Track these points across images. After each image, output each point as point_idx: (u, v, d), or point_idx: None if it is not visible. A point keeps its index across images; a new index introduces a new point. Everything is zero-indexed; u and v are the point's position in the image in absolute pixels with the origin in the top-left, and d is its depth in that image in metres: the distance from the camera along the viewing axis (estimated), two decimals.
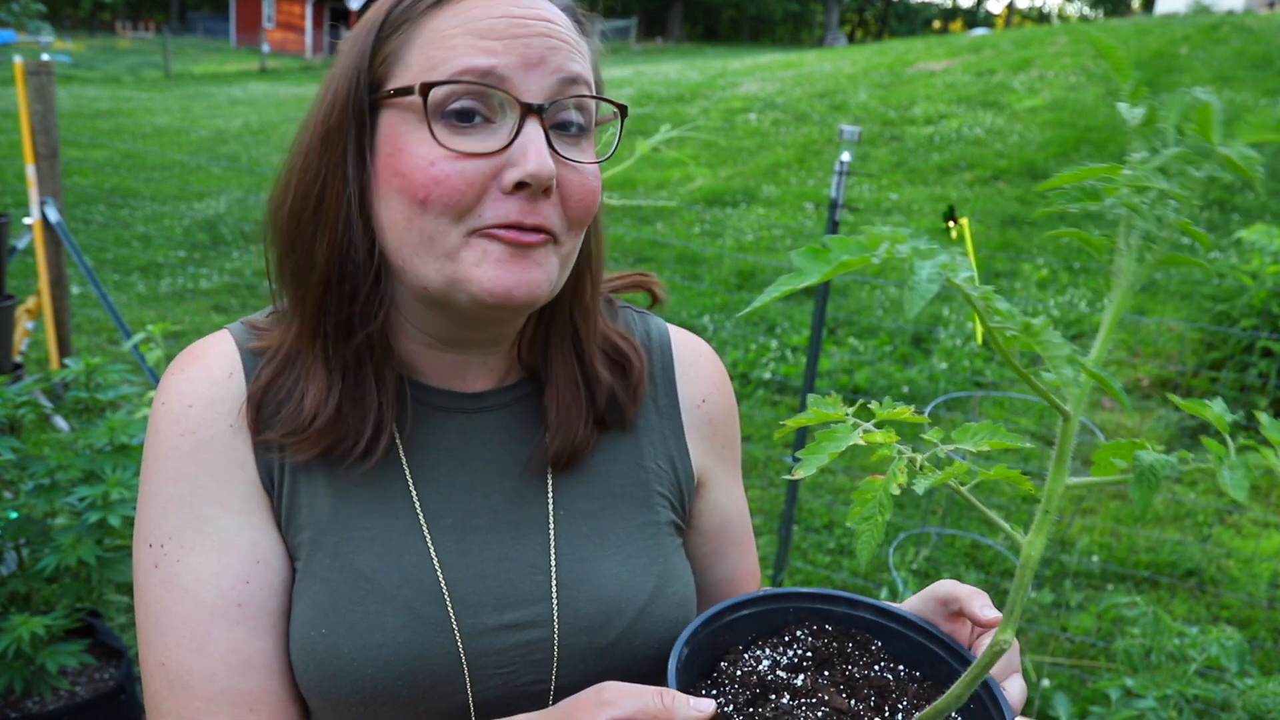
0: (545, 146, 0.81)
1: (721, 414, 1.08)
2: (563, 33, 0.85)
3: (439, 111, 0.81)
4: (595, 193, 0.87)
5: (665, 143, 1.61)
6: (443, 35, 0.82)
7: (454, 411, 0.94)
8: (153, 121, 14.76)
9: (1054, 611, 3.61)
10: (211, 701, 0.85)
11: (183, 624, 0.85)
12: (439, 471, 0.93)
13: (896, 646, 0.89)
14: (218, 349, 0.92)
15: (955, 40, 19.67)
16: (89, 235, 8.06)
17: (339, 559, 0.88)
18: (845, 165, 2.97)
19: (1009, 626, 0.68)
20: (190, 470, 0.87)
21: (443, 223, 0.82)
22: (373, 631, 0.86)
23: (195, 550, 0.86)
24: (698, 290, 6.82)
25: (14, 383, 2.22)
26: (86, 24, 47.22)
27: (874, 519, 0.68)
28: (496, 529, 0.93)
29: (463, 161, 0.80)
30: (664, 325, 1.09)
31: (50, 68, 4.18)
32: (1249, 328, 4.81)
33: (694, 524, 1.07)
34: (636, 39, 43.04)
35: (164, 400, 0.89)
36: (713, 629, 0.85)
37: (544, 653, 0.91)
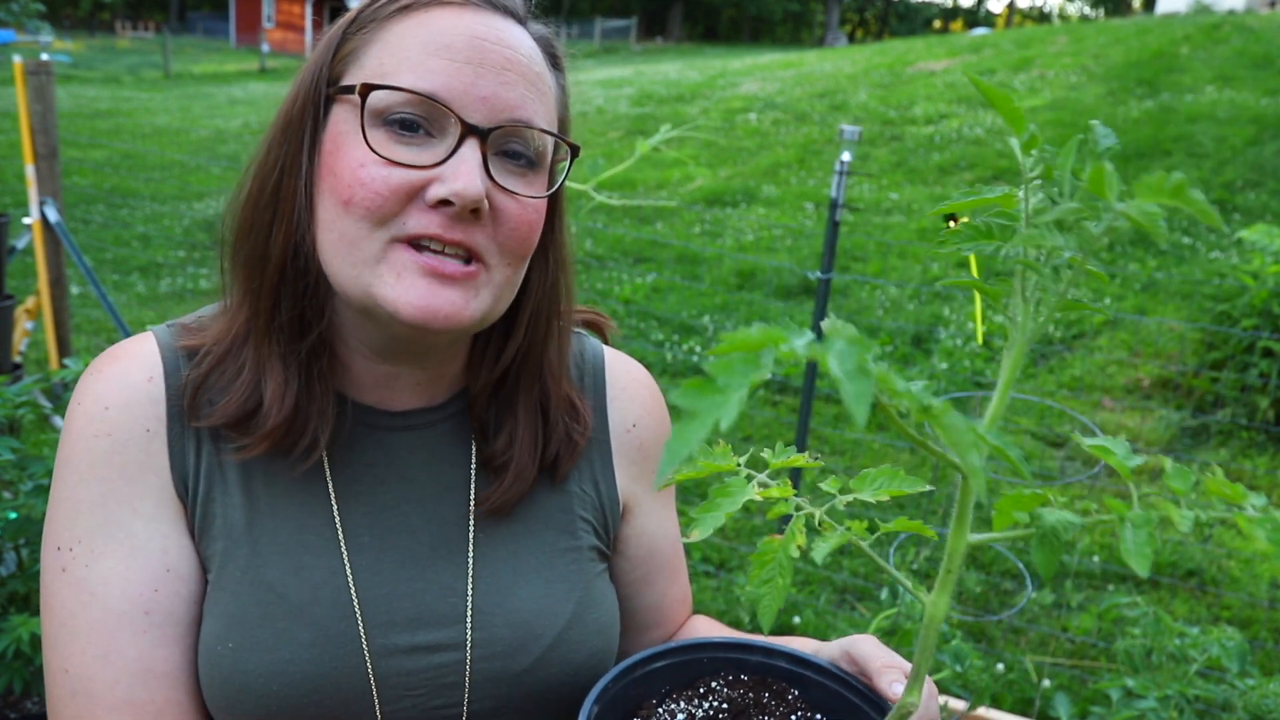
0: (478, 169, 0.80)
1: (652, 439, 1.06)
2: (524, 64, 0.83)
3: (382, 118, 0.80)
4: (532, 225, 0.86)
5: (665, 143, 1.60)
6: (401, 42, 0.81)
7: (377, 429, 0.93)
8: (152, 121, 14.76)
9: (1054, 612, 3.61)
10: (113, 710, 0.83)
11: (88, 630, 0.83)
12: (360, 487, 0.91)
13: (814, 695, 0.87)
14: (138, 351, 0.89)
15: (956, 40, 19.67)
16: (88, 235, 8.06)
17: (250, 571, 0.86)
18: (845, 165, 2.97)
19: (915, 690, 0.66)
20: (103, 473, 0.85)
21: (363, 227, 0.80)
22: (280, 647, 0.84)
23: (104, 555, 0.84)
24: (698, 290, 6.82)
25: (13, 383, 2.22)
26: (86, 24, 47.22)
27: (774, 581, 0.65)
28: (414, 549, 0.91)
29: (392, 169, 0.79)
30: (599, 347, 1.08)
31: (50, 67, 4.18)
32: (1250, 328, 4.81)
33: (621, 550, 1.05)
34: (636, 39, 43.02)
35: (80, 401, 0.87)
36: (624, 683, 0.83)
37: (455, 676, 0.90)
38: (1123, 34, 15.63)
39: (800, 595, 3.63)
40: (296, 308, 0.86)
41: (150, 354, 0.89)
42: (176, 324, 0.93)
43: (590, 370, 1.05)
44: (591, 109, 14.04)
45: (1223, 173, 9.16)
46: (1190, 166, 9.36)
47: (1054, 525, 0.57)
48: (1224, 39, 14.12)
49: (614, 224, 8.49)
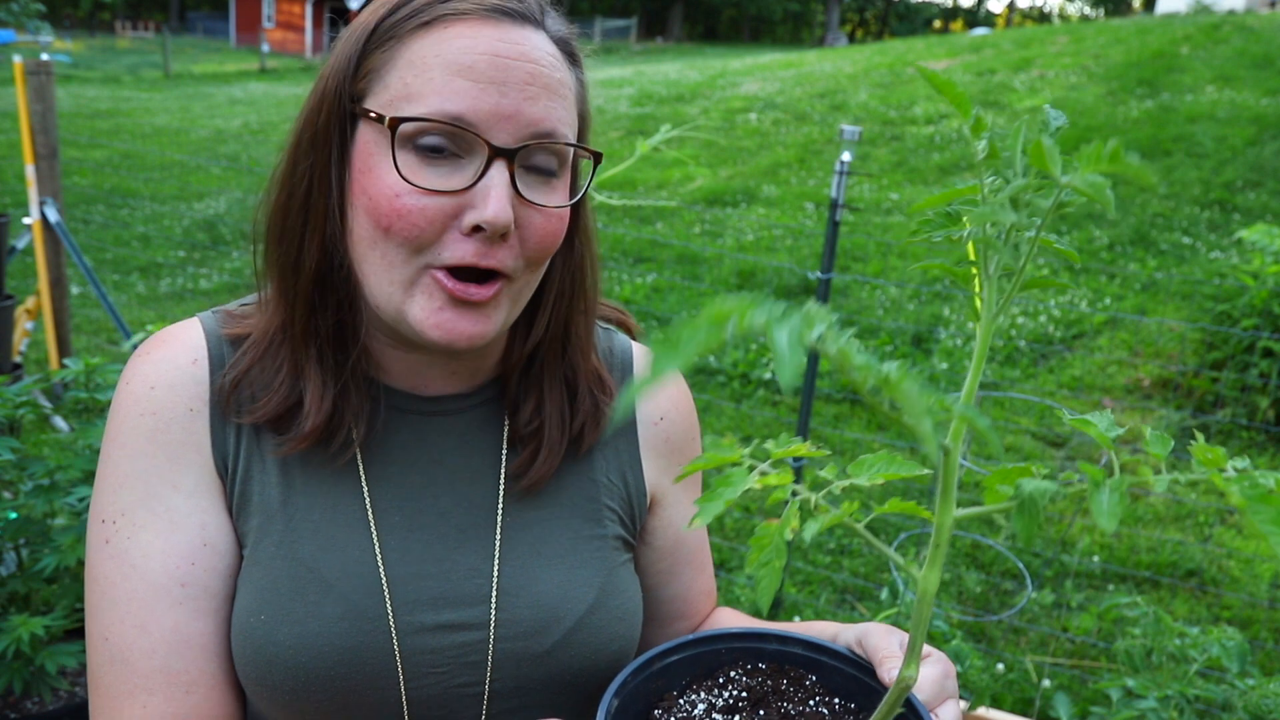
0: (506, 192, 0.82)
1: (680, 432, 1.08)
2: (545, 75, 0.84)
3: (409, 141, 0.82)
4: (555, 235, 0.87)
5: (665, 143, 1.60)
6: (423, 62, 0.82)
7: (409, 413, 0.96)
8: (152, 121, 14.76)
9: (1055, 612, 3.61)
10: (149, 679, 0.86)
11: (128, 600, 0.87)
12: (391, 470, 0.94)
13: (831, 680, 0.88)
14: (184, 335, 0.93)
15: (956, 40, 19.67)
16: (88, 235, 8.06)
17: (284, 547, 0.89)
18: (845, 165, 2.97)
19: (912, 662, 0.68)
20: (148, 449, 0.89)
21: (402, 253, 0.83)
22: (310, 620, 0.87)
23: (145, 528, 0.88)
24: (698, 290, 6.82)
25: (13, 383, 2.22)
26: (86, 24, 47.23)
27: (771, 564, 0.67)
28: (442, 530, 0.94)
29: (426, 198, 0.81)
30: (628, 341, 1.10)
31: (49, 67, 4.18)
32: (1250, 328, 4.81)
33: (647, 541, 1.07)
34: (636, 39, 43.01)
35: (128, 381, 0.91)
36: (644, 676, 0.85)
37: (479, 655, 0.92)
38: (1123, 34, 15.63)
39: (800, 595, 3.63)
40: (335, 315, 0.90)
41: (195, 338, 0.93)
42: (222, 311, 0.96)
43: (619, 365, 1.07)
44: (592, 109, 14.00)
45: (1223, 173, 9.16)
46: (1190, 166, 9.36)
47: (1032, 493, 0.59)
48: (1224, 39, 14.12)
49: (614, 224, 8.49)
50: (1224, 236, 7.77)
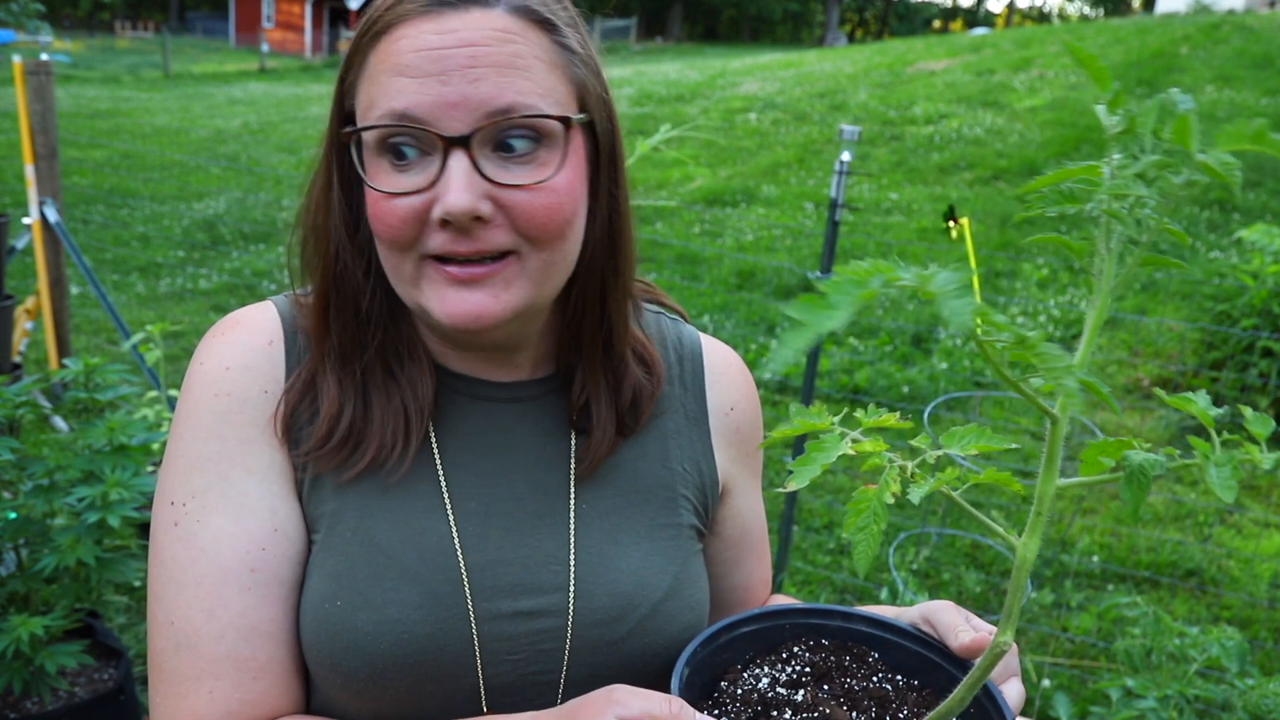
0: (466, 179, 0.80)
1: (748, 423, 1.09)
2: (490, 53, 0.81)
3: (381, 146, 0.83)
4: (551, 209, 0.84)
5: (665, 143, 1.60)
6: (378, 72, 0.83)
7: (481, 399, 0.96)
8: (152, 121, 14.76)
9: (1054, 611, 3.61)
10: (216, 664, 0.85)
11: (196, 584, 0.86)
12: (466, 457, 0.94)
13: (893, 657, 0.89)
14: (260, 317, 0.94)
15: (955, 40, 19.67)
16: (88, 235, 8.06)
17: (360, 532, 0.89)
18: (845, 165, 2.97)
19: (1008, 629, 0.68)
20: (221, 431, 0.88)
21: (395, 253, 0.85)
22: (389, 607, 0.87)
23: (216, 512, 0.87)
24: (698, 290, 6.82)
25: (13, 383, 2.22)
26: (85, 24, 47.21)
27: (869, 529, 0.68)
28: (519, 517, 0.94)
29: (395, 201, 0.83)
30: (695, 332, 1.11)
31: (49, 67, 4.18)
32: (1249, 327, 4.81)
33: (716, 531, 1.08)
34: (636, 39, 43.00)
35: (202, 361, 0.91)
36: (712, 648, 0.86)
37: (555, 643, 0.92)
38: (1123, 34, 15.63)
39: (800, 595, 3.63)
40: (348, 331, 0.91)
41: (271, 320, 0.94)
42: (293, 297, 0.97)
43: (689, 355, 1.07)
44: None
45: None
46: None
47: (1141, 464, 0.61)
48: (1224, 39, 14.12)
49: None
50: (1224, 236, 7.77)
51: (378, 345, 0.91)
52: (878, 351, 6.00)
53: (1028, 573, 0.66)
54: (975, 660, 0.84)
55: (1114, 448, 0.62)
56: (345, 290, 0.90)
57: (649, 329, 1.06)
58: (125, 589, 3.05)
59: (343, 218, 0.89)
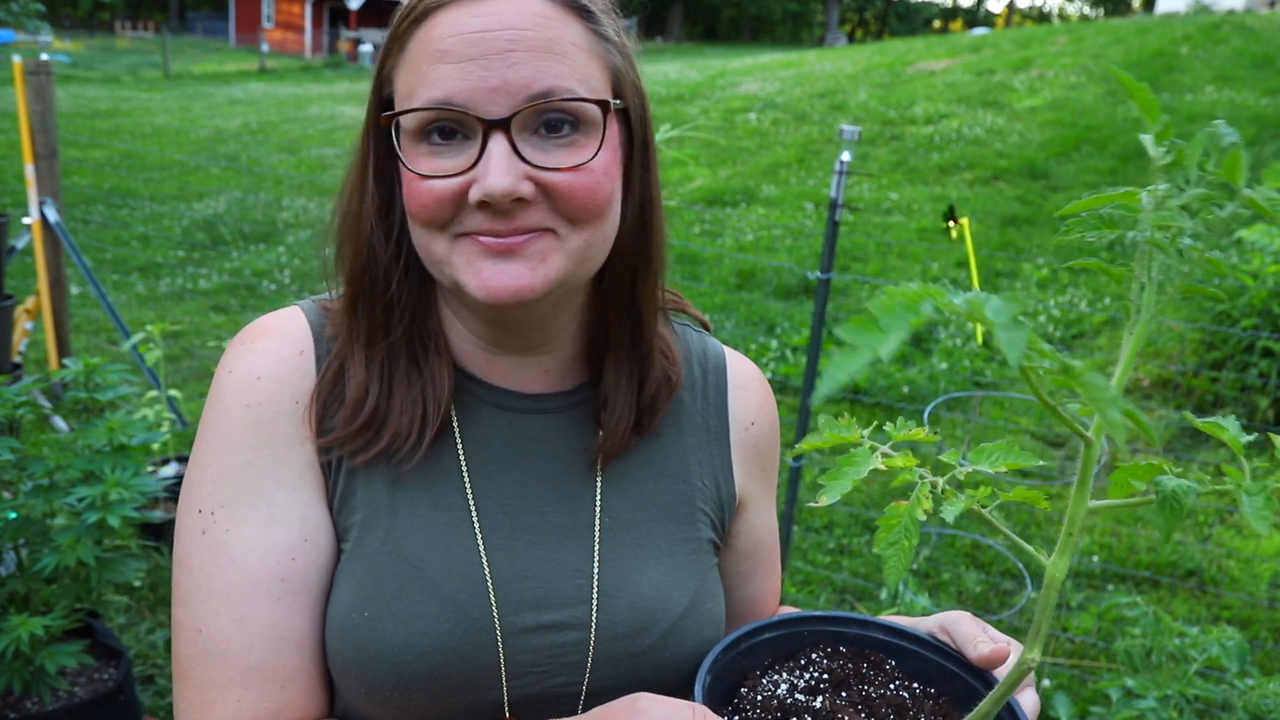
0: (506, 162, 0.81)
1: (767, 438, 1.09)
2: (530, 37, 0.82)
3: (420, 133, 0.84)
4: (590, 189, 0.85)
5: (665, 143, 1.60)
6: (417, 58, 0.84)
7: (508, 410, 0.96)
8: (152, 121, 14.76)
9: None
10: (245, 674, 0.86)
11: (226, 594, 0.86)
12: (492, 468, 0.94)
13: (910, 665, 0.90)
14: (289, 325, 0.93)
15: (955, 40, 19.67)
16: (88, 235, 8.06)
17: (389, 544, 0.89)
18: (845, 165, 2.97)
19: (1035, 646, 0.69)
20: (251, 441, 0.88)
21: (430, 233, 0.86)
22: (416, 619, 0.87)
23: (246, 521, 0.87)
24: (697, 290, 6.82)
25: (13, 383, 2.22)
26: (85, 24, 47.21)
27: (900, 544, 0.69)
28: (544, 530, 0.94)
29: (433, 182, 0.83)
30: (720, 346, 1.10)
31: (49, 67, 4.18)
32: (1249, 328, 4.81)
33: (730, 544, 1.08)
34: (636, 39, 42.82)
35: (231, 369, 0.90)
36: (732, 655, 0.87)
37: (578, 655, 0.92)
38: (1122, 34, 15.63)
39: (800, 595, 3.63)
40: (375, 314, 0.91)
41: (301, 329, 0.93)
42: (319, 303, 0.97)
43: (713, 369, 1.07)
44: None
45: None
46: None
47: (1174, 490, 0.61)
48: (1224, 39, 14.12)
49: None
50: (1223, 236, 7.76)
51: (404, 331, 0.91)
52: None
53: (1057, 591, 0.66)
54: (991, 670, 0.85)
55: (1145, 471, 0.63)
56: (375, 274, 0.90)
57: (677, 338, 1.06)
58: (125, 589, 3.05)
59: (376, 203, 0.90)
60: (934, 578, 3.76)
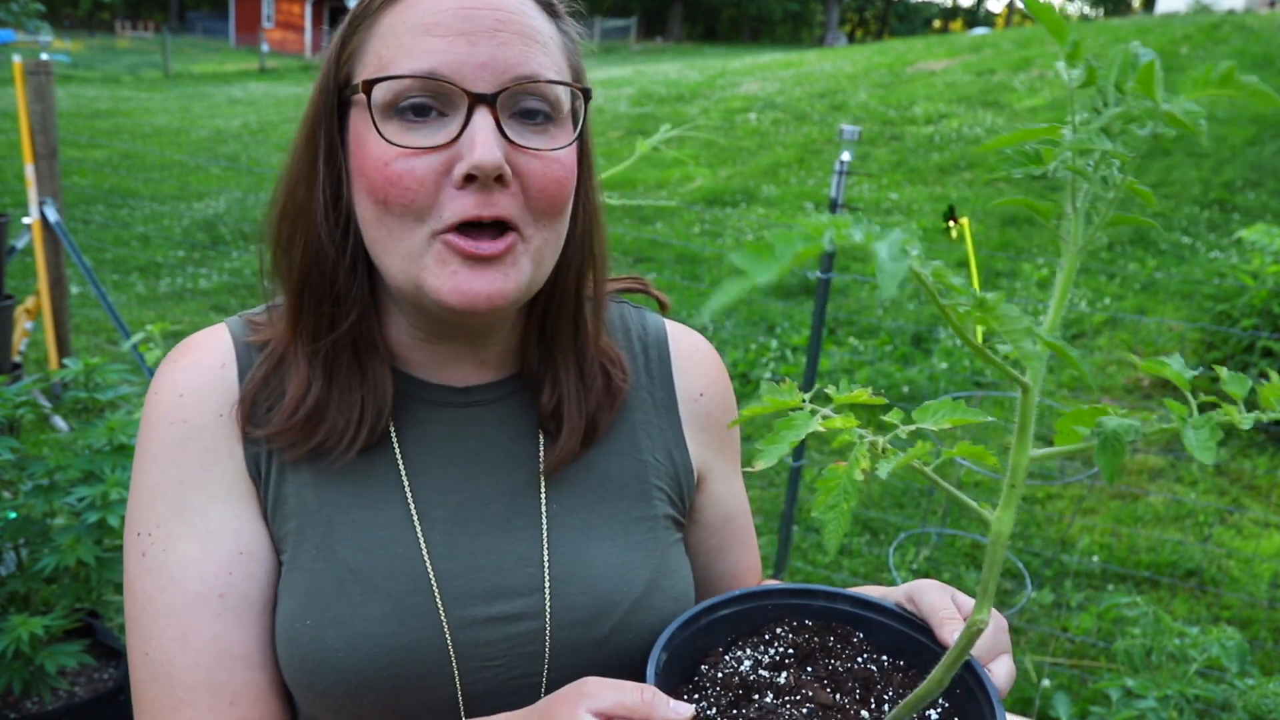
0: (493, 136, 0.80)
1: (719, 407, 1.07)
2: (517, 20, 0.83)
3: (392, 109, 0.81)
4: (560, 180, 0.85)
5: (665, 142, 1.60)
6: (394, 32, 0.82)
7: (444, 405, 0.94)
8: (152, 121, 14.75)
9: (1054, 611, 3.61)
10: (192, 693, 0.85)
11: (167, 613, 0.86)
12: (430, 464, 0.93)
13: (878, 637, 0.88)
14: (211, 340, 0.93)
15: (955, 40, 19.66)
16: (88, 235, 8.06)
17: (324, 549, 0.88)
18: (845, 165, 2.97)
19: (984, 607, 0.66)
20: (179, 458, 0.88)
21: (406, 223, 0.82)
22: (357, 622, 0.86)
23: (181, 539, 0.87)
24: (697, 290, 6.81)
25: (13, 383, 2.22)
26: (85, 24, 47.20)
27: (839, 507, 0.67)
28: (487, 521, 0.93)
29: (414, 159, 0.81)
30: (660, 320, 1.09)
31: (49, 67, 4.18)
32: (1249, 327, 4.81)
33: (696, 519, 1.06)
34: (636, 39, 42.99)
35: (157, 390, 0.90)
36: (690, 631, 0.85)
37: (535, 645, 0.91)
38: (1123, 34, 15.62)
39: None
40: (321, 309, 0.89)
41: (223, 342, 0.92)
42: (245, 316, 0.96)
43: (654, 342, 1.06)
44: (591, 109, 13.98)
45: (1222, 173, 9.16)
46: (1190, 166, 9.36)
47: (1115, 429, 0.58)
48: (1224, 39, 14.11)
49: (614, 224, 8.47)
50: (1224, 236, 7.77)
51: (350, 328, 0.89)
52: (878, 351, 5.99)
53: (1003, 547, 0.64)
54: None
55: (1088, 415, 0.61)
56: (324, 268, 0.88)
57: (612, 320, 1.05)
58: None
59: (325, 191, 0.87)
60: (934, 577, 3.76)
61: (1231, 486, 4.65)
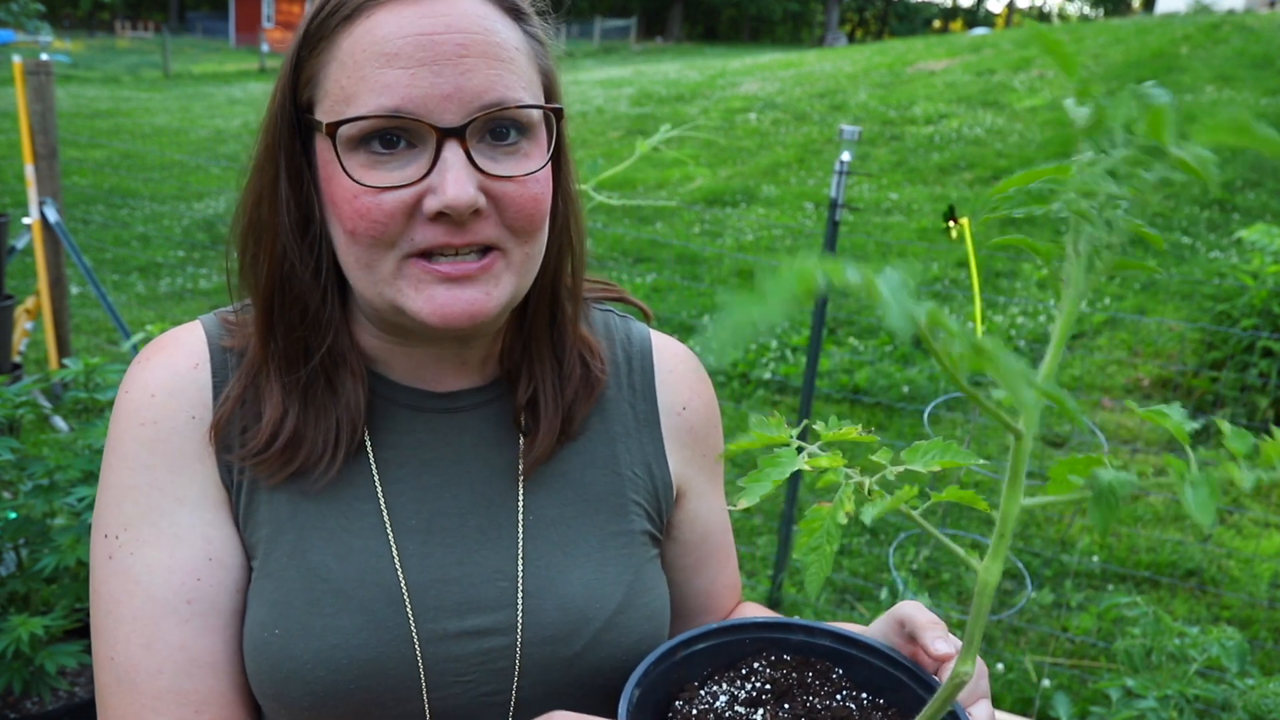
0: (464, 171, 0.78)
1: (702, 422, 1.05)
2: (480, 41, 0.79)
3: (357, 144, 0.79)
4: (538, 199, 0.83)
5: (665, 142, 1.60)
6: (354, 60, 0.79)
7: (422, 411, 0.92)
8: (152, 121, 14.75)
9: (1054, 611, 3.61)
10: (158, 700, 0.83)
11: (133, 618, 0.83)
12: (406, 472, 0.90)
13: (858, 674, 0.86)
14: (185, 339, 0.90)
15: (955, 40, 19.66)
16: (88, 235, 8.06)
17: (295, 558, 0.86)
18: (845, 165, 2.97)
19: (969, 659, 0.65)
20: (149, 460, 0.85)
21: (375, 251, 0.81)
22: (327, 634, 0.84)
23: (149, 543, 0.84)
24: (697, 290, 6.81)
25: (13, 383, 2.22)
26: (85, 24, 47.20)
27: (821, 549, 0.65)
28: (462, 532, 0.90)
29: (382, 194, 0.79)
30: (645, 330, 1.07)
31: (49, 67, 4.18)
32: (1249, 328, 4.81)
33: (674, 535, 1.04)
34: (636, 39, 42.98)
35: (127, 389, 0.87)
36: (665, 666, 0.82)
37: (506, 661, 0.89)
38: (1122, 34, 15.63)
39: (799, 595, 3.63)
40: (294, 334, 0.87)
41: (197, 342, 0.90)
42: (220, 315, 0.93)
43: (638, 353, 1.03)
44: (591, 109, 14.02)
45: (1223, 173, 9.15)
46: None
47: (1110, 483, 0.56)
48: (1224, 39, 14.11)
49: (614, 224, 8.48)
50: (1224, 236, 7.77)
51: (324, 351, 0.87)
52: (878, 351, 5.99)
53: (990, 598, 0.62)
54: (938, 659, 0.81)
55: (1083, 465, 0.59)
56: (292, 291, 0.86)
57: (596, 327, 1.03)
58: None
59: (291, 214, 0.85)
60: (934, 578, 3.76)
61: (1231, 486, 4.65)
